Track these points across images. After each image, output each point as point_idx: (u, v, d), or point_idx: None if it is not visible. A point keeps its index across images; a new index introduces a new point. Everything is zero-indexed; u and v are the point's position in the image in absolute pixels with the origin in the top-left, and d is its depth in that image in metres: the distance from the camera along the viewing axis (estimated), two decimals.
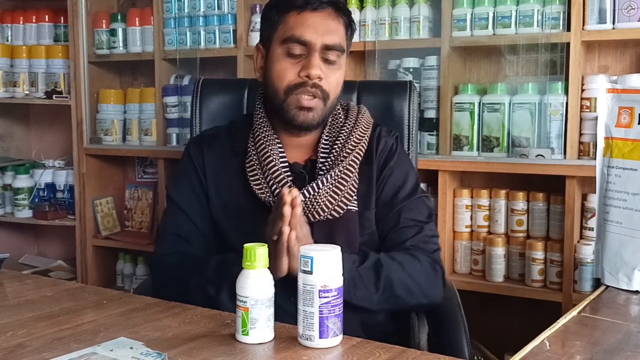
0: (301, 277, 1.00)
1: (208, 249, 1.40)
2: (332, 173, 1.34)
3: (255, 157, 1.38)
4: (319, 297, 0.98)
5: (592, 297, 1.28)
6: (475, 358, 2.01)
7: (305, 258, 0.99)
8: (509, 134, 2.15)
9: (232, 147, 1.43)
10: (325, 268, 0.99)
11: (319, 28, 1.32)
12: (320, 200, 1.32)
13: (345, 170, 1.35)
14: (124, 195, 3.02)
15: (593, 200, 2.01)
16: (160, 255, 1.41)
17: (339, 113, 1.43)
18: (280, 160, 1.37)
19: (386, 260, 1.30)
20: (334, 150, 1.37)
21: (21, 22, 3.06)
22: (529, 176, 2.14)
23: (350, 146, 1.37)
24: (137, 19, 2.78)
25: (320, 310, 0.99)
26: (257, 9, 2.53)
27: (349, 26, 1.39)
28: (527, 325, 1.53)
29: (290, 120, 1.35)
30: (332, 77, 1.35)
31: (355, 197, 1.38)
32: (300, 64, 1.33)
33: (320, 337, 0.99)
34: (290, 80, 1.33)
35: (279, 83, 1.34)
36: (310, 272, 0.98)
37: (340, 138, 1.38)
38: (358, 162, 1.38)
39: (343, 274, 1.09)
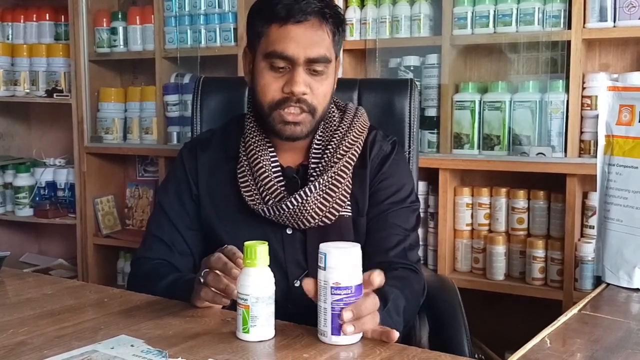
0: (319, 273, 0.99)
1: (190, 255, 1.41)
2: (321, 180, 1.31)
3: (246, 162, 1.36)
4: (331, 294, 0.98)
5: (592, 295, 1.28)
6: (476, 356, 2.01)
7: (320, 254, 0.99)
8: (509, 132, 2.15)
9: (226, 151, 1.42)
10: (338, 265, 0.98)
11: (302, 41, 1.27)
12: (309, 208, 1.30)
13: (337, 176, 1.32)
14: (125, 194, 3.02)
15: (594, 199, 2.01)
16: (139, 256, 1.43)
17: (334, 115, 1.40)
18: (272, 165, 1.35)
19: (398, 293, 1.24)
20: (325, 155, 1.34)
21: (22, 21, 3.06)
22: (529, 174, 2.14)
23: (342, 150, 1.34)
24: (137, 17, 2.78)
25: (332, 307, 0.98)
26: None
27: (337, 30, 1.33)
28: (527, 323, 1.52)
29: (278, 134, 1.32)
30: (320, 89, 1.31)
31: (348, 202, 1.36)
32: (284, 78, 1.29)
33: (332, 334, 0.98)
34: (273, 96, 1.30)
35: (263, 97, 1.31)
36: (324, 269, 0.98)
37: (332, 142, 1.35)
38: (351, 167, 1.35)
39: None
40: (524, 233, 2.17)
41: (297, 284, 1.33)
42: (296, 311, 1.25)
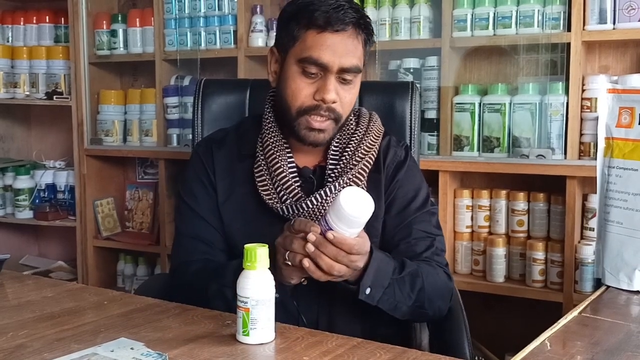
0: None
1: (227, 250, 1.39)
2: (341, 181, 1.33)
3: (263, 162, 1.36)
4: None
5: (592, 297, 1.28)
6: (476, 358, 2.01)
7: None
8: (509, 134, 2.15)
9: (240, 150, 1.42)
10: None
11: (338, 50, 1.28)
12: (327, 207, 1.29)
13: (354, 179, 1.34)
14: (125, 196, 3.02)
15: (594, 201, 2.01)
16: (181, 262, 1.40)
17: (350, 120, 1.41)
18: (289, 166, 1.36)
19: (419, 271, 1.29)
20: (343, 158, 1.36)
21: (22, 23, 3.07)
22: (529, 176, 2.14)
23: (360, 154, 1.36)
24: (137, 19, 2.79)
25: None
26: (258, 9, 2.53)
27: (368, 40, 1.35)
28: (527, 325, 1.53)
29: (301, 139, 1.34)
30: (347, 97, 1.32)
31: None
32: (316, 84, 1.30)
33: None
34: (303, 102, 1.30)
35: (293, 102, 1.32)
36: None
37: (350, 145, 1.37)
38: (367, 170, 1.37)
39: (382, 280, 1.14)
40: (524, 235, 2.17)
41: (304, 282, 1.33)
42: (301, 309, 1.26)
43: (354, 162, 1.35)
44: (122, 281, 2.98)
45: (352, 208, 1.05)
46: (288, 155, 1.37)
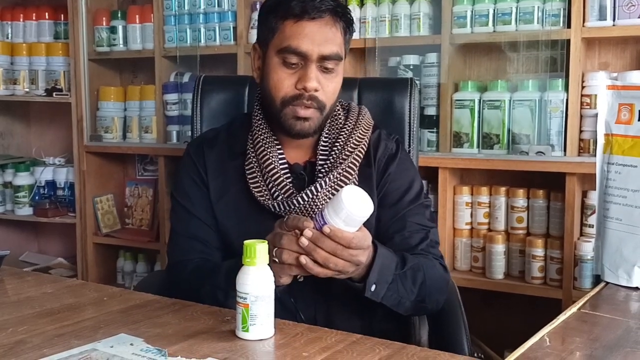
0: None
1: (223, 248, 1.40)
2: (331, 175, 1.32)
3: (254, 159, 1.36)
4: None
5: (591, 293, 1.28)
6: (476, 355, 2.01)
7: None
8: (509, 131, 2.15)
9: (232, 148, 1.42)
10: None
11: (316, 38, 1.29)
12: (318, 203, 1.30)
13: (345, 173, 1.34)
14: (124, 193, 3.02)
15: (593, 197, 2.01)
16: (178, 260, 1.41)
17: (339, 114, 1.41)
18: (280, 162, 1.36)
19: (420, 265, 1.29)
20: (333, 152, 1.36)
21: (21, 20, 3.07)
22: (529, 173, 2.14)
23: (349, 148, 1.36)
24: (137, 16, 2.78)
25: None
26: (257, 6, 2.53)
27: (348, 29, 1.35)
28: (527, 322, 1.53)
29: (288, 129, 1.34)
30: (330, 86, 1.33)
31: None
32: (297, 74, 1.31)
33: None
34: (286, 92, 1.31)
35: (276, 93, 1.32)
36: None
37: (339, 140, 1.37)
38: (357, 164, 1.37)
39: (386, 276, 1.15)
40: (523, 232, 2.17)
41: (301, 279, 1.33)
42: (298, 306, 1.26)
43: (344, 157, 1.35)
44: (121, 278, 2.98)
45: (353, 206, 1.05)
46: (279, 151, 1.37)
